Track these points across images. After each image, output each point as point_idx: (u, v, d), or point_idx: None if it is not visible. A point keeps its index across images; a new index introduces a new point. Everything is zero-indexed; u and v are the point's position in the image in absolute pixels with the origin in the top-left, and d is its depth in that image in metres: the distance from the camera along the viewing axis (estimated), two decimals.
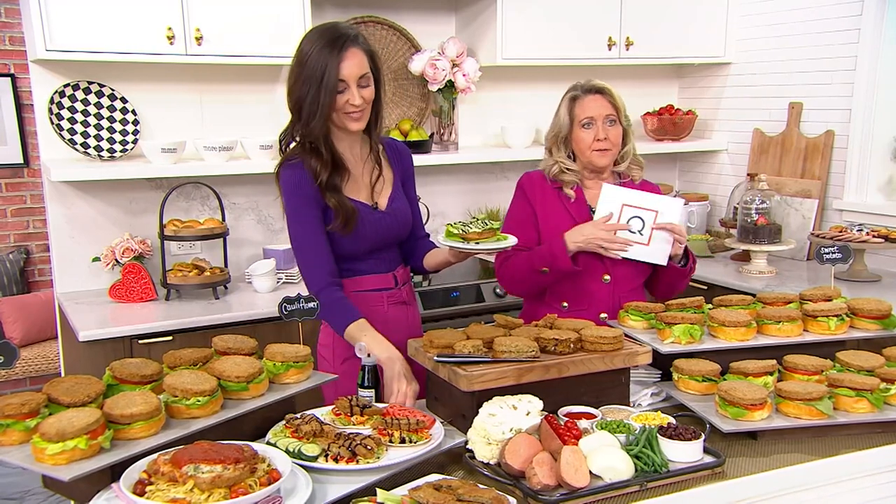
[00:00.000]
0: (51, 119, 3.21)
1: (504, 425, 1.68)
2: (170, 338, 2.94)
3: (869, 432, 1.92)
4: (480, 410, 1.74)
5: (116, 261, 3.24)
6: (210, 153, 3.31)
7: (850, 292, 2.81)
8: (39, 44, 2.92)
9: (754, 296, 2.38)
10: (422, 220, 2.51)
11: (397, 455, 1.66)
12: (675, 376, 2.09)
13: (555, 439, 1.63)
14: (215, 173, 3.37)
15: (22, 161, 5.34)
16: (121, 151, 3.33)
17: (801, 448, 1.85)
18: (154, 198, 3.39)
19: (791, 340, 2.16)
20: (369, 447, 1.62)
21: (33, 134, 5.11)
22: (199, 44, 3.13)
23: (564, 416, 1.85)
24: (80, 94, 3.27)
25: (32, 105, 3.49)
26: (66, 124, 3.25)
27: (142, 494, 1.39)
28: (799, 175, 3.90)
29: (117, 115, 3.34)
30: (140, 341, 2.91)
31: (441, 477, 1.57)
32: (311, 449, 1.62)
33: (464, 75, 3.71)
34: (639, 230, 2.42)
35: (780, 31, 3.98)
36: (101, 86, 3.31)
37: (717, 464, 1.71)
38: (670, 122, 4.26)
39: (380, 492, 1.47)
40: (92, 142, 3.29)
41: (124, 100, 3.35)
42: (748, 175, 3.93)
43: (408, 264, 2.46)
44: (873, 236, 3.36)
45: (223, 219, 3.41)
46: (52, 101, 3.21)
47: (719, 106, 4.37)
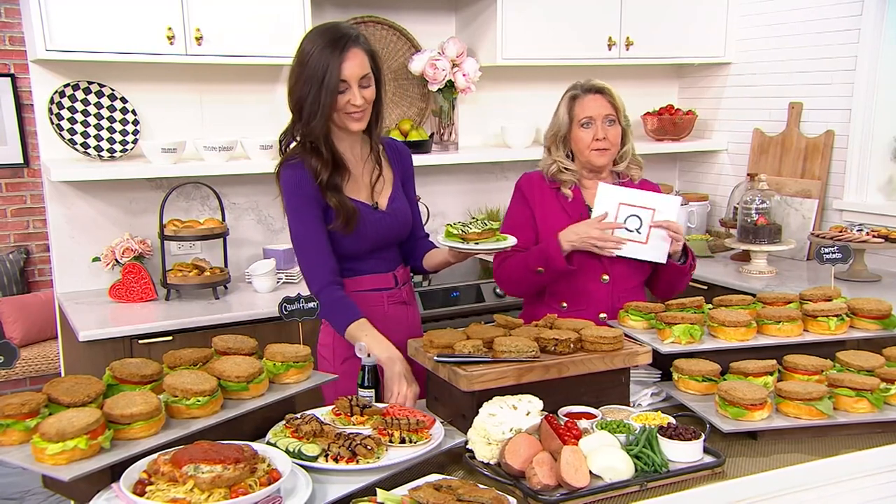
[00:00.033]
0: (51, 119, 3.21)
1: (504, 425, 1.68)
2: (170, 338, 2.94)
3: (869, 432, 1.92)
4: (480, 410, 1.74)
5: (116, 261, 3.24)
6: (210, 153, 3.31)
7: (850, 292, 2.81)
8: (39, 44, 2.92)
9: (754, 296, 2.38)
10: (421, 221, 2.51)
11: (397, 455, 1.66)
12: (675, 376, 2.09)
13: (555, 439, 1.63)
14: (215, 173, 3.37)
15: (22, 161, 5.34)
16: (121, 151, 3.33)
17: (801, 448, 1.85)
18: (154, 198, 3.39)
19: (791, 340, 2.16)
20: (369, 447, 1.62)
21: (33, 134, 5.10)
22: (199, 44, 3.13)
23: (564, 416, 1.85)
24: (80, 94, 3.27)
25: (32, 105, 3.49)
26: (66, 124, 3.25)
27: (142, 494, 1.39)
28: (799, 175, 3.90)
29: (117, 115, 3.34)
30: (140, 341, 2.91)
31: (441, 477, 1.57)
32: (311, 449, 1.62)
33: (464, 75, 3.71)
34: (636, 228, 2.42)
35: (780, 31, 3.98)
36: (101, 86, 3.30)
37: (717, 464, 1.71)
38: (670, 122, 4.26)
39: (380, 492, 1.47)
40: (92, 142, 3.29)
41: (124, 100, 3.35)
42: (748, 175, 3.93)
43: (407, 264, 2.46)
44: (873, 236, 3.36)
45: (223, 219, 3.41)
46: (52, 101, 3.21)
47: (719, 106, 4.37)
